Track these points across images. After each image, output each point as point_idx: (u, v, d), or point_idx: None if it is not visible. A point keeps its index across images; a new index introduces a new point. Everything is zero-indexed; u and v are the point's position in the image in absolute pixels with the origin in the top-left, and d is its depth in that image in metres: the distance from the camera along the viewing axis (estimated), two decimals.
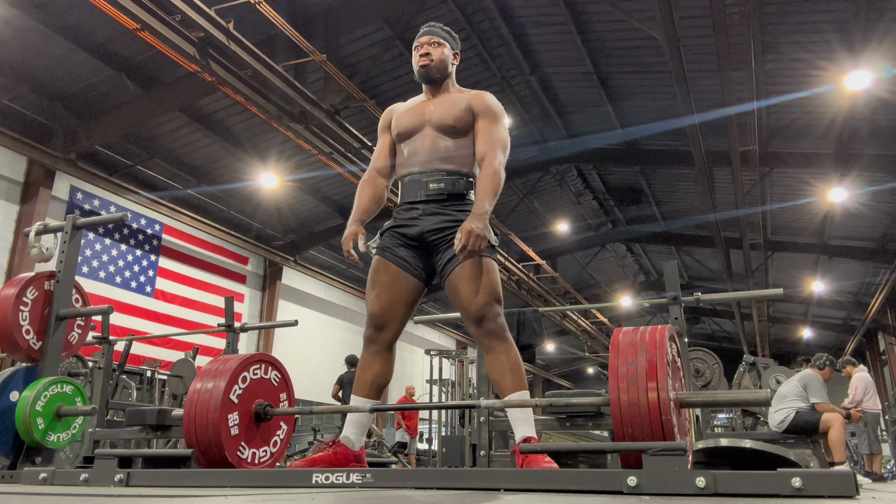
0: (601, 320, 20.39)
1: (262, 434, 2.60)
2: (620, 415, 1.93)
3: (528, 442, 2.41)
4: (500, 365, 2.50)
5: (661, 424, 1.88)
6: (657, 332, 2.04)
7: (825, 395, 5.78)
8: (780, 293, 4.14)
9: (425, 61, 2.75)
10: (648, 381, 1.91)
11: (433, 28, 2.84)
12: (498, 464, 3.88)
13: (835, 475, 1.64)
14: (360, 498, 1.77)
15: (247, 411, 2.53)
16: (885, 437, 16.24)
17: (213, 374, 2.51)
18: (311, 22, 9.12)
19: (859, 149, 11.06)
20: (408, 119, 2.79)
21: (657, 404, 1.89)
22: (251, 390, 2.55)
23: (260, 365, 2.62)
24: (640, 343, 2.01)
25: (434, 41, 2.79)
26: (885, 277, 14.81)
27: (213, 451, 2.41)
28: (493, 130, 2.66)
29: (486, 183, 2.52)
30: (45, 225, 3.76)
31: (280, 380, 2.71)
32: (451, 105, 2.72)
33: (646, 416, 1.89)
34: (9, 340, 3.43)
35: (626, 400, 1.93)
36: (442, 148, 2.68)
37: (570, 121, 12.65)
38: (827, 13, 8.59)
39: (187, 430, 2.44)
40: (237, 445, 2.47)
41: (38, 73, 9.07)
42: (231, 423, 2.45)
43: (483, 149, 2.63)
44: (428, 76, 2.77)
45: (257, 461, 2.55)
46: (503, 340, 2.52)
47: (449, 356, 10.84)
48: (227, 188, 12.43)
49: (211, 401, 2.42)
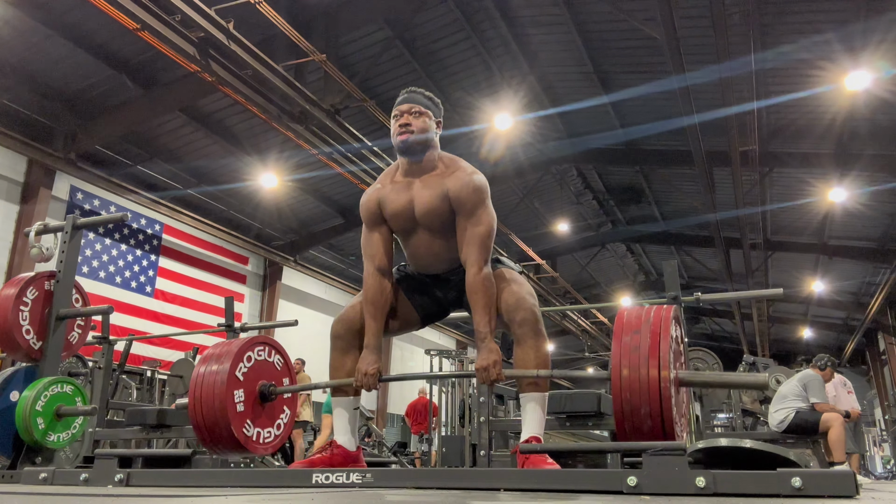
0: (601, 320, 20.38)
1: (266, 414, 2.61)
2: (620, 387, 1.95)
3: (532, 442, 2.40)
4: (528, 359, 2.44)
5: (660, 400, 1.90)
6: (662, 311, 2.06)
7: (825, 396, 5.77)
8: (780, 293, 4.14)
9: (405, 134, 2.52)
10: (651, 355, 1.93)
11: (414, 95, 2.63)
12: (498, 464, 3.88)
13: (835, 475, 1.64)
14: (360, 498, 1.77)
15: (252, 391, 2.54)
16: (885, 436, 16.26)
17: (217, 355, 2.52)
18: (311, 22, 9.11)
19: (859, 149, 11.05)
20: (397, 214, 2.61)
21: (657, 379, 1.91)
22: (255, 371, 2.57)
23: (263, 347, 2.64)
24: (644, 319, 2.03)
25: (415, 110, 2.57)
26: (885, 277, 14.80)
27: (219, 428, 2.41)
28: (476, 231, 2.49)
29: (480, 301, 2.41)
30: (45, 225, 3.76)
31: (283, 364, 2.73)
32: (431, 194, 2.54)
33: (645, 389, 1.91)
34: (9, 340, 3.43)
35: (628, 374, 1.95)
36: (442, 252, 2.63)
37: (570, 121, 12.65)
38: (827, 13, 8.59)
39: (193, 409, 2.44)
40: (243, 423, 2.47)
41: (38, 73, 9.07)
42: (237, 400, 2.46)
43: (465, 254, 2.49)
44: (408, 151, 2.55)
45: (262, 441, 2.56)
46: (536, 333, 2.46)
47: (449, 356, 10.83)
48: (227, 188, 12.43)
49: (217, 378, 2.43)
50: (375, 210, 2.63)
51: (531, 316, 2.45)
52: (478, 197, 2.50)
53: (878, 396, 19.53)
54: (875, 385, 20.23)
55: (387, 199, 2.61)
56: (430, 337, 20.11)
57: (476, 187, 2.50)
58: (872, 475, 12.95)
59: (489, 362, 2.35)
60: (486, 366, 2.35)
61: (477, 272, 2.44)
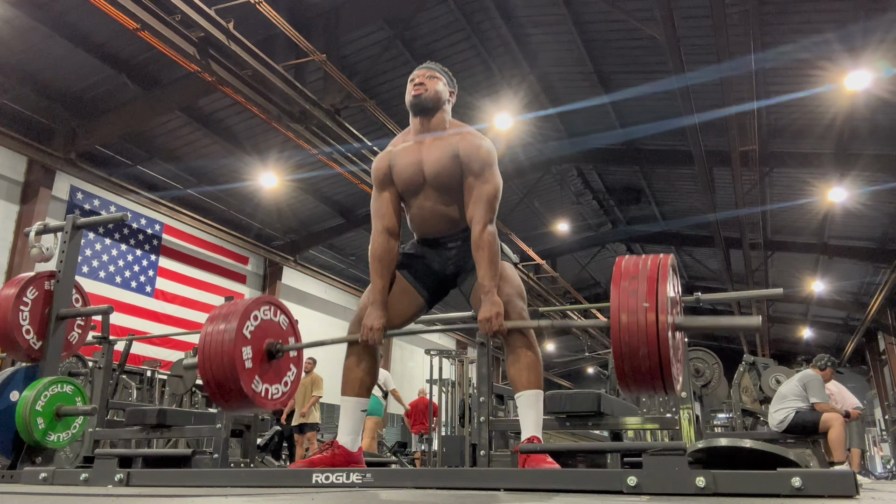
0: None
1: (274, 371, 2.67)
2: (619, 331, 2.00)
3: (532, 442, 2.41)
4: (519, 361, 2.51)
5: (658, 342, 1.94)
6: (660, 258, 2.13)
7: (825, 396, 5.77)
8: (780, 293, 4.14)
9: (419, 90, 2.65)
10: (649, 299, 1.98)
11: (429, 63, 2.79)
12: (498, 464, 3.88)
13: (835, 475, 1.64)
14: (360, 498, 1.77)
15: (259, 348, 2.60)
16: (885, 436, 16.27)
17: (225, 315, 2.57)
18: (311, 22, 9.11)
19: (859, 149, 11.05)
20: (406, 174, 2.67)
21: (655, 322, 1.96)
22: (262, 329, 2.63)
23: (269, 307, 2.70)
24: (642, 266, 2.09)
25: (430, 74, 2.71)
26: (885, 277, 14.79)
27: (229, 384, 2.46)
28: (482, 189, 2.55)
29: (484, 256, 2.46)
30: (45, 225, 3.76)
31: (288, 324, 2.79)
32: (441, 154, 2.61)
33: (643, 332, 1.96)
34: (9, 340, 3.44)
35: (626, 319, 1.99)
36: (448, 212, 2.66)
37: (570, 121, 12.65)
38: (827, 13, 8.59)
39: (203, 367, 2.50)
40: (252, 378, 2.53)
41: (38, 73, 9.07)
42: (245, 357, 2.51)
43: (471, 212, 2.55)
44: (420, 105, 2.65)
45: (270, 397, 2.62)
46: (525, 336, 2.52)
47: (449, 356, 10.84)
48: (227, 188, 12.43)
49: (225, 335, 2.48)
50: (386, 171, 2.70)
51: (518, 319, 2.51)
52: (487, 158, 2.58)
53: (878, 396, 19.53)
54: (875, 385, 20.23)
55: (397, 159, 2.68)
56: (429, 337, 20.11)
57: (486, 149, 2.60)
58: (872, 475, 12.95)
59: (492, 314, 2.38)
60: (488, 317, 2.38)
61: (482, 230, 2.48)
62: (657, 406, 5.87)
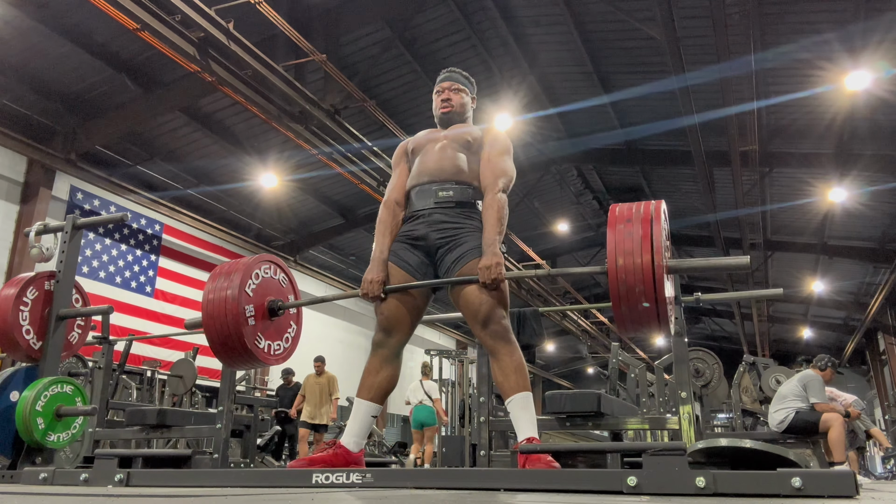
0: (601, 320, 20.38)
1: (275, 328, 2.75)
2: (616, 271, 2.08)
3: (530, 442, 2.41)
4: (505, 366, 2.52)
5: (654, 281, 2.03)
6: (652, 204, 2.22)
7: (825, 396, 5.77)
8: (780, 293, 4.13)
9: (447, 108, 2.88)
10: (643, 241, 2.07)
11: (453, 74, 2.95)
12: (498, 464, 3.88)
13: (835, 475, 1.64)
14: (361, 498, 1.77)
15: (261, 305, 2.67)
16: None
17: (227, 273, 2.64)
18: (311, 22, 9.11)
19: (859, 149, 11.05)
20: (424, 138, 2.91)
21: (651, 263, 2.04)
22: (263, 287, 2.70)
23: (269, 265, 2.78)
24: (636, 210, 2.18)
25: (455, 87, 2.91)
26: (885, 277, 14.79)
27: (232, 340, 2.54)
28: (499, 160, 2.73)
29: (492, 214, 2.59)
30: (45, 225, 3.76)
31: (288, 282, 2.87)
32: (466, 131, 2.85)
33: (640, 272, 2.05)
34: (9, 340, 3.44)
35: (623, 262, 2.08)
36: (454, 158, 2.75)
37: (570, 121, 12.65)
38: (827, 13, 8.59)
39: (207, 323, 2.57)
40: (255, 335, 2.61)
41: (38, 73, 9.07)
42: (248, 315, 2.59)
43: (488, 178, 2.70)
44: (449, 122, 2.89)
45: (273, 353, 2.71)
46: (507, 342, 2.54)
47: (449, 356, 10.84)
48: (227, 188, 12.43)
49: (228, 292, 2.56)
50: (403, 149, 2.95)
51: (501, 329, 2.54)
52: (509, 146, 2.81)
53: (878, 396, 19.53)
54: (875, 385, 20.23)
55: (419, 139, 2.92)
56: (430, 337, 20.11)
57: (506, 139, 2.84)
58: (872, 475, 12.95)
59: (493, 262, 2.46)
60: (489, 265, 2.45)
61: (495, 194, 2.63)
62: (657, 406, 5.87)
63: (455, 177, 2.72)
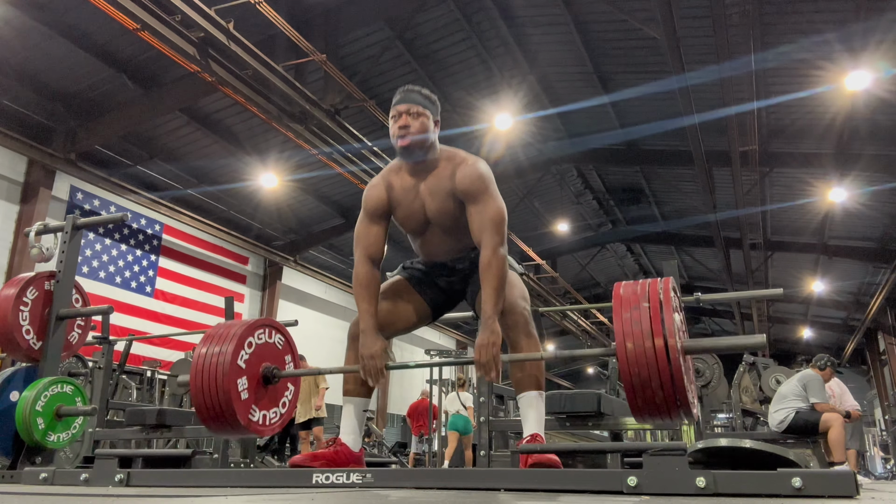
0: (601, 320, 20.38)
1: (270, 396, 2.60)
2: (628, 362, 1.91)
3: (535, 439, 2.41)
4: (524, 363, 2.50)
5: (671, 369, 1.87)
6: (660, 282, 2.04)
7: (825, 396, 5.77)
8: (780, 293, 4.13)
9: (405, 141, 2.50)
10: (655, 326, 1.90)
11: (410, 94, 2.59)
12: (498, 464, 3.88)
13: (835, 475, 1.64)
14: (360, 498, 1.77)
15: (255, 374, 2.52)
16: (885, 436, 16.26)
17: (218, 340, 2.49)
18: (311, 22, 9.11)
19: (859, 149, 11.05)
20: (412, 220, 2.64)
21: (665, 349, 1.87)
22: (257, 355, 2.56)
23: (264, 329, 2.62)
24: (642, 292, 2.01)
25: (413, 111, 2.53)
26: (885, 277, 14.79)
27: (224, 416, 2.41)
28: (483, 212, 2.48)
29: (492, 278, 2.37)
30: (45, 225, 3.76)
31: (284, 342, 2.72)
32: (442, 200, 2.56)
33: (653, 361, 1.88)
34: (9, 340, 3.43)
35: (633, 348, 1.90)
36: (454, 243, 2.67)
37: (570, 121, 12.65)
38: (827, 13, 8.59)
39: (196, 398, 2.44)
40: (248, 409, 2.47)
41: (38, 73, 9.07)
42: (241, 388, 2.44)
43: (478, 238, 2.47)
44: (409, 154, 2.54)
45: (268, 423, 2.57)
46: (528, 335, 2.50)
47: (449, 356, 10.84)
48: (227, 188, 12.43)
49: (219, 367, 2.41)
50: (382, 204, 2.62)
51: (521, 319, 2.49)
52: (483, 185, 2.50)
53: (878, 396, 19.52)
54: (875, 385, 20.22)
55: (399, 203, 2.61)
56: (430, 337, 20.10)
57: (479, 175, 2.51)
58: (872, 475, 12.95)
59: (489, 341, 2.27)
60: (485, 343, 2.27)
61: (491, 253, 2.40)
62: None
63: (465, 248, 2.65)
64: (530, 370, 2.50)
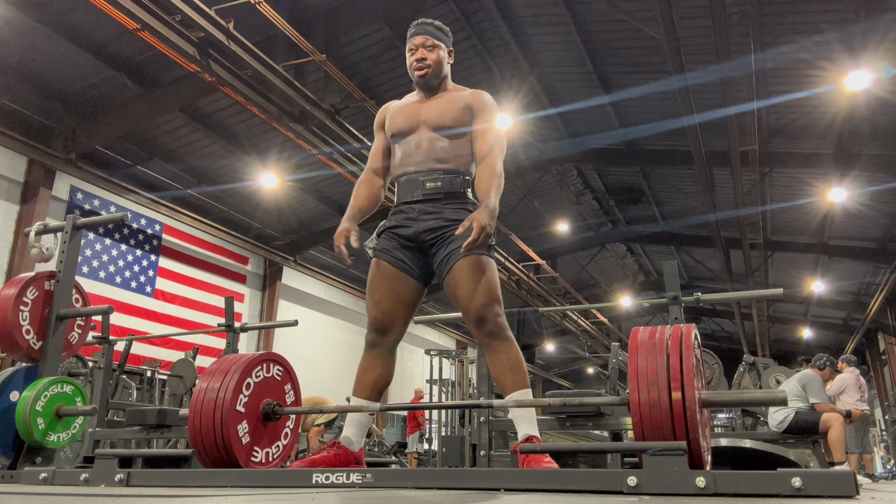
0: (601, 320, 20.38)
1: (271, 432, 2.57)
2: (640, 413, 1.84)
3: (531, 441, 2.40)
4: (501, 364, 2.50)
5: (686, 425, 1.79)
6: (681, 329, 1.95)
7: (825, 395, 5.78)
8: (780, 293, 4.13)
9: (423, 71, 2.70)
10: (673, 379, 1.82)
11: (426, 27, 2.76)
12: (498, 464, 3.89)
13: (835, 475, 1.64)
14: (361, 498, 1.77)
15: (255, 413, 2.49)
16: (884, 436, 16.26)
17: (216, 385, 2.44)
18: (311, 22, 9.12)
19: (859, 149, 11.05)
20: (402, 119, 2.73)
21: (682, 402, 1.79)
22: (257, 394, 2.51)
23: (261, 365, 2.57)
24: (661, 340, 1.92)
25: (429, 43, 2.72)
26: (885, 277, 14.80)
27: (224, 461, 2.40)
28: (491, 130, 2.63)
29: (491, 181, 2.50)
30: (45, 225, 3.76)
31: (283, 373, 2.67)
32: (449, 104, 2.68)
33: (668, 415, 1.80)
34: (9, 340, 3.43)
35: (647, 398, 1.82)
36: (438, 148, 2.64)
37: (570, 121, 12.65)
38: (827, 13, 8.59)
39: (194, 438, 2.41)
40: (250, 452, 2.45)
41: (38, 73, 9.07)
42: (241, 433, 2.41)
43: (483, 149, 2.60)
44: (427, 85, 2.73)
45: (270, 459, 2.55)
46: (503, 340, 2.51)
47: (449, 356, 10.84)
48: (227, 188, 12.43)
49: (217, 413, 2.38)
50: (382, 116, 2.85)
51: (496, 328, 2.50)
52: (494, 111, 2.70)
53: (878, 396, 19.53)
54: (875, 385, 20.22)
55: (398, 110, 2.78)
56: (430, 337, 20.11)
57: (493, 103, 2.72)
58: (872, 475, 12.94)
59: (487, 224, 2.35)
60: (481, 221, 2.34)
61: (492, 162, 2.55)
62: None
63: (442, 165, 2.63)
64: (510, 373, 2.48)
